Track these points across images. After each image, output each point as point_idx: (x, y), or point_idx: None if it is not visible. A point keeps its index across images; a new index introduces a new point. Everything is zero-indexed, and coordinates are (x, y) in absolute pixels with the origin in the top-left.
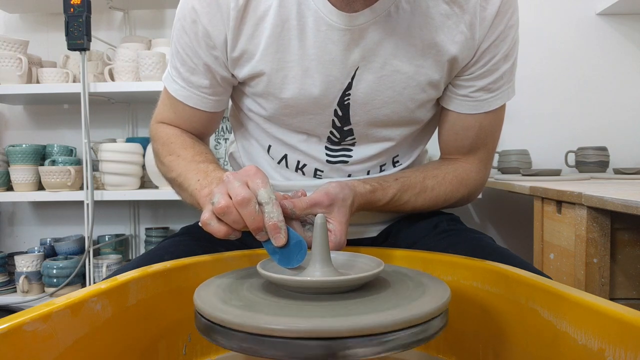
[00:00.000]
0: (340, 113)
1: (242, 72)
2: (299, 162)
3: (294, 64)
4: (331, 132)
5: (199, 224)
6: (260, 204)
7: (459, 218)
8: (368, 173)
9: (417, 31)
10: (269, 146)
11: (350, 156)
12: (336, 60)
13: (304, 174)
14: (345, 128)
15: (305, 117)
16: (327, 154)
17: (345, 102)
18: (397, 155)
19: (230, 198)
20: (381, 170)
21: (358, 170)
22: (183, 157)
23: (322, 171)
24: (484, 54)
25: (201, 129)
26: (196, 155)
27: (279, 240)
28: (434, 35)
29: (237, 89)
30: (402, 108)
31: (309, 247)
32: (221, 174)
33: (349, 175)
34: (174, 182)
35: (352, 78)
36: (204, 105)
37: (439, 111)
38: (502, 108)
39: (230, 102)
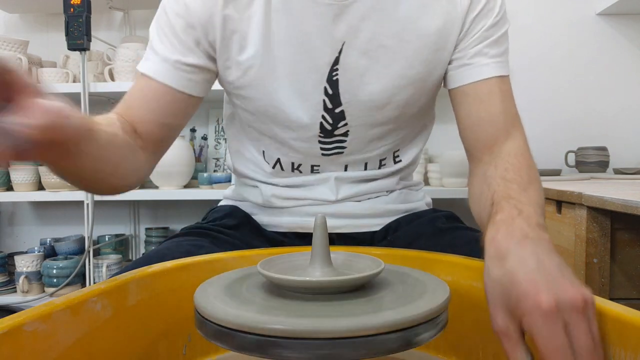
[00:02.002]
0: (330, 91)
1: (228, 58)
2: (293, 163)
3: (283, 44)
4: (323, 117)
5: None
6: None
7: (457, 216)
8: (365, 167)
9: (400, 6)
10: (263, 151)
11: (344, 147)
12: (323, 35)
13: (300, 172)
14: (337, 110)
15: (296, 98)
16: (321, 148)
17: (334, 78)
18: (398, 151)
19: None
20: (381, 166)
21: (354, 161)
22: None
23: (319, 165)
24: (473, 22)
25: (165, 120)
26: None
27: None
28: (415, 10)
29: (228, 93)
30: (390, 85)
31: None
32: None
33: (346, 167)
34: None
35: (340, 52)
36: (173, 79)
37: (432, 111)
38: (509, 86)
39: (224, 114)
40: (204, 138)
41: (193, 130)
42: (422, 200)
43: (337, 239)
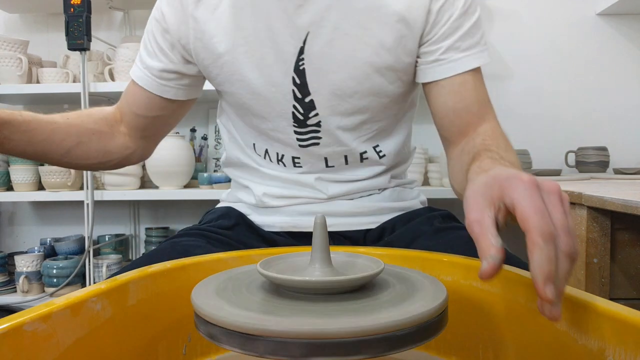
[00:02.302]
0: (298, 81)
1: (205, 57)
2: (277, 153)
3: (250, 39)
4: (294, 107)
5: None
6: None
7: (454, 215)
8: (346, 160)
9: None
10: (254, 144)
11: (319, 137)
12: (287, 27)
13: (285, 165)
14: (307, 100)
15: (267, 92)
16: (297, 139)
17: (301, 68)
18: (378, 145)
19: None
20: (362, 160)
21: (333, 154)
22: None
23: (299, 158)
24: (439, 13)
25: (139, 112)
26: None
27: None
28: None
29: (216, 90)
30: (357, 73)
31: None
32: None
33: (326, 159)
34: None
35: (304, 43)
36: (148, 84)
37: (413, 98)
38: (480, 74)
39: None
40: (204, 138)
41: (193, 130)
42: (417, 199)
43: (330, 238)
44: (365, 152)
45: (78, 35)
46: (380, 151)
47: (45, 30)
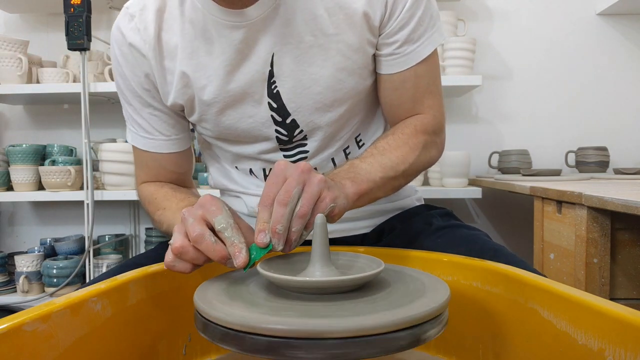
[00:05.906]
0: (275, 105)
1: (175, 99)
2: (264, 169)
3: (211, 76)
4: (277, 131)
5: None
6: (219, 232)
7: (452, 213)
8: (334, 162)
9: (318, 1)
10: (235, 167)
11: (307, 151)
12: (250, 55)
13: None
14: (288, 121)
15: (243, 122)
16: (284, 156)
17: (275, 91)
18: (359, 135)
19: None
20: (347, 155)
21: (321, 161)
22: (169, 208)
23: None
24: (394, 5)
25: (177, 169)
26: (180, 202)
27: (240, 259)
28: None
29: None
30: (332, 81)
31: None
32: None
33: (316, 169)
34: (168, 234)
35: (272, 65)
36: (163, 148)
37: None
38: (434, 55)
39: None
40: None
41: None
42: (413, 196)
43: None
44: (348, 146)
45: (78, 35)
46: (360, 140)
47: (45, 30)
